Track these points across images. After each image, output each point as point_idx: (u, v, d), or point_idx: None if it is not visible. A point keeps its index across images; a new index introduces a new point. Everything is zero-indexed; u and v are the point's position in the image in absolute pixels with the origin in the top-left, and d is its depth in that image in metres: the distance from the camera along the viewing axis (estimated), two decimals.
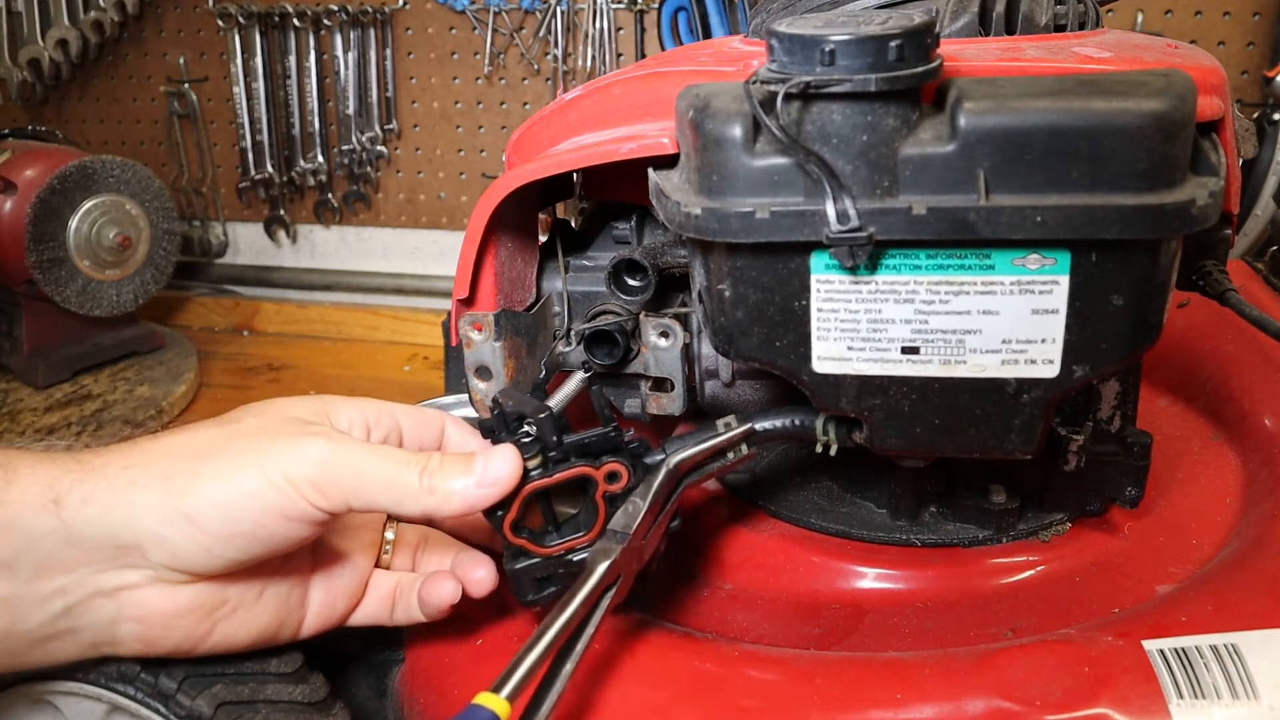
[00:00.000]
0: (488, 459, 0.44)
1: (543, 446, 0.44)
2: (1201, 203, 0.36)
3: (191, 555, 0.41)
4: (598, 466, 0.45)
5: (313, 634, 0.48)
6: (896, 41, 0.35)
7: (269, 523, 0.41)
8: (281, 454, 0.42)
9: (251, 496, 0.41)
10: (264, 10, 1.39)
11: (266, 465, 0.41)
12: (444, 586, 0.48)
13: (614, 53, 1.29)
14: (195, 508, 0.41)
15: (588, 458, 0.45)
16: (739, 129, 0.38)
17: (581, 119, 0.49)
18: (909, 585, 0.53)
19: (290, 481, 0.41)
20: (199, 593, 0.43)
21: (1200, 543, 0.54)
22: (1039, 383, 0.41)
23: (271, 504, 0.41)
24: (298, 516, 0.42)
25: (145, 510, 0.41)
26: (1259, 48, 1.13)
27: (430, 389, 1.12)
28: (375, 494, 0.42)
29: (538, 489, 0.44)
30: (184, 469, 0.41)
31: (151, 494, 0.41)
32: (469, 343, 0.53)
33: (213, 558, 0.42)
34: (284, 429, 0.43)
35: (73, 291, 1.17)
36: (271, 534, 0.42)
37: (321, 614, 0.48)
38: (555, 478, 0.44)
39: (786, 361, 0.42)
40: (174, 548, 0.41)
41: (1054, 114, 0.36)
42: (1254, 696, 0.40)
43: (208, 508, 0.41)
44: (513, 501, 0.44)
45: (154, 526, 0.41)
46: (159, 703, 0.47)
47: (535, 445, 0.44)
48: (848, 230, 0.37)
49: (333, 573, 0.49)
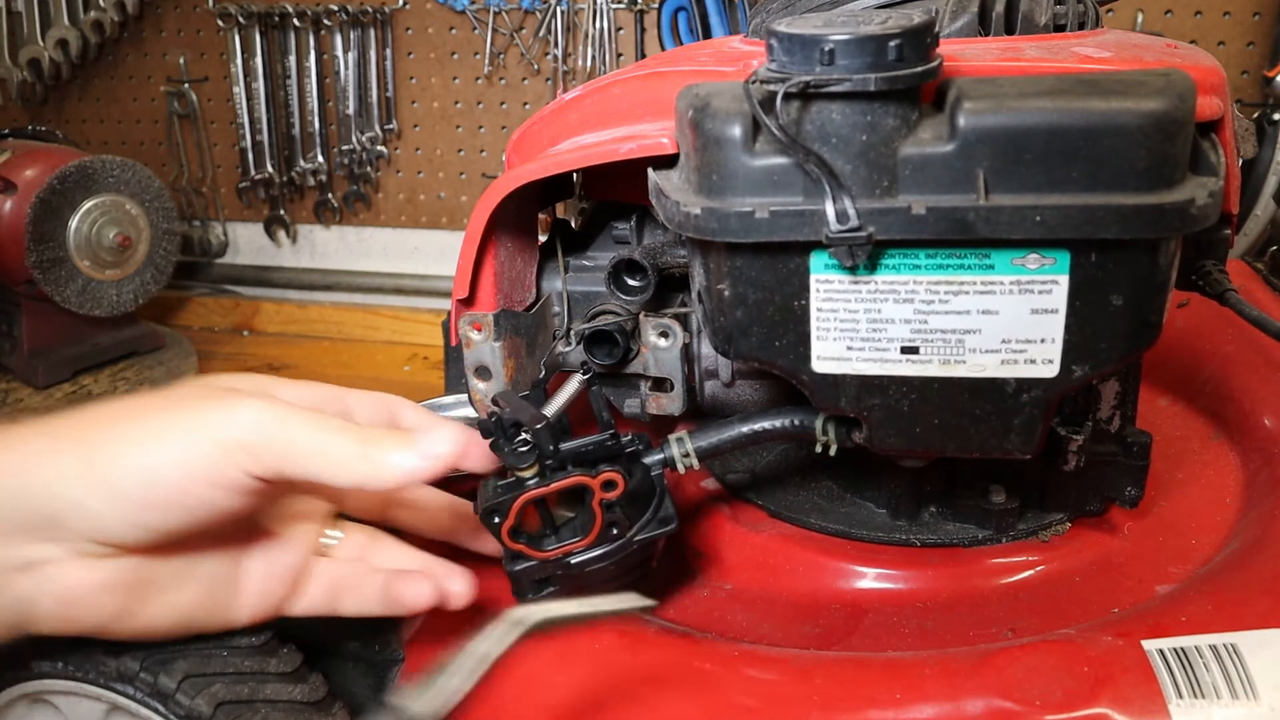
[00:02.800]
0: (430, 435, 0.41)
1: (539, 455, 0.44)
2: (1201, 202, 0.36)
3: (113, 525, 0.39)
4: (594, 475, 0.45)
5: (249, 622, 0.46)
6: (896, 41, 0.35)
7: (196, 490, 0.39)
8: (210, 417, 0.40)
9: (178, 462, 0.39)
10: (264, 10, 1.39)
11: (195, 428, 0.39)
12: (419, 586, 0.46)
13: (614, 53, 1.29)
14: (117, 474, 0.39)
15: (584, 466, 0.45)
16: (738, 129, 0.38)
17: (581, 119, 0.49)
18: (909, 585, 0.53)
19: (219, 444, 0.39)
20: (122, 568, 0.41)
21: (1200, 543, 0.54)
22: (1038, 382, 0.41)
23: (198, 470, 0.39)
24: (226, 484, 0.40)
25: (64, 479, 0.39)
26: (1259, 48, 1.13)
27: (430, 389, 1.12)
28: (309, 461, 0.40)
29: (534, 498, 0.44)
30: (107, 434, 0.39)
31: (71, 461, 0.39)
32: (469, 343, 0.53)
33: (136, 528, 0.40)
34: (217, 395, 0.41)
35: (73, 291, 1.17)
36: (199, 502, 0.40)
37: (257, 599, 0.46)
38: (551, 488, 0.44)
39: (786, 361, 0.42)
40: (95, 517, 0.39)
41: (1053, 113, 0.36)
42: (1254, 696, 0.40)
43: (131, 473, 0.39)
44: (510, 509, 0.44)
45: (74, 495, 0.39)
46: (158, 702, 0.47)
47: (532, 454, 0.44)
48: (847, 230, 0.37)
49: (269, 554, 0.46)
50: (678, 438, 0.49)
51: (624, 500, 0.45)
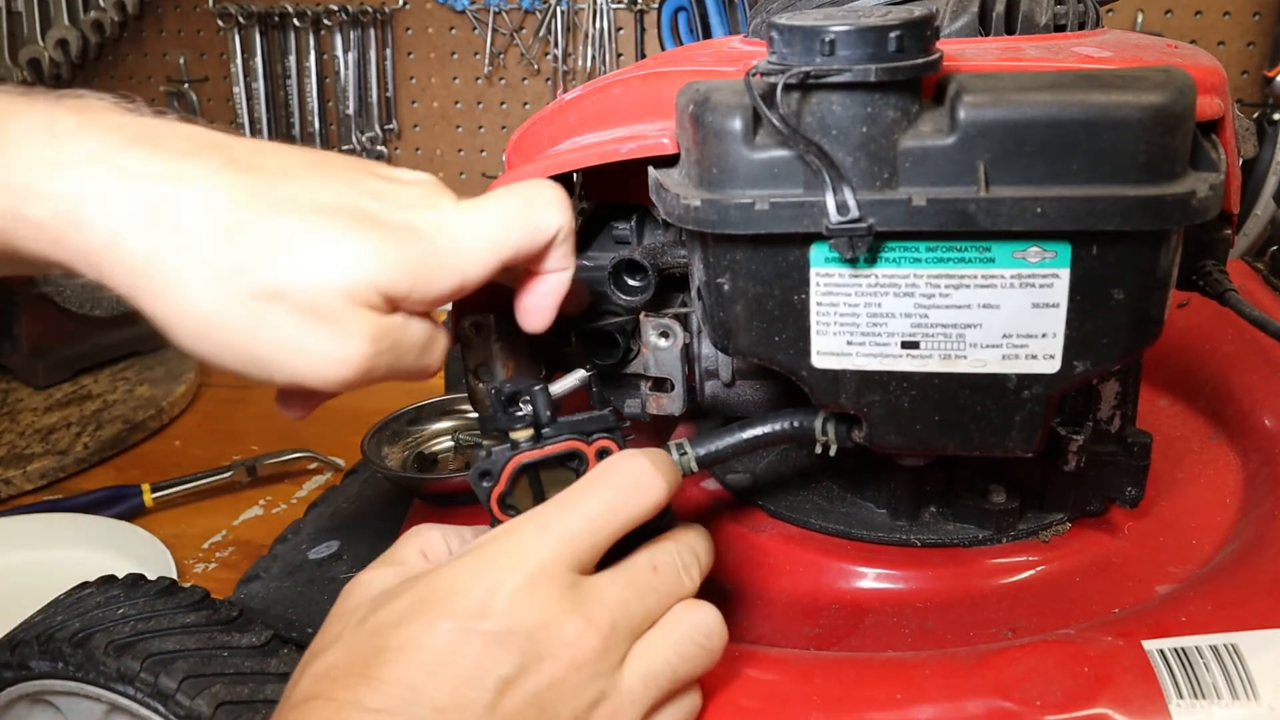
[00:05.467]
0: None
1: (535, 420, 0.44)
2: (1202, 195, 0.36)
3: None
4: (589, 443, 0.44)
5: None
6: (897, 32, 0.35)
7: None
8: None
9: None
10: (264, 10, 1.39)
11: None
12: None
13: (614, 53, 1.29)
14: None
15: (580, 435, 0.45)
16: (739, 121, 0.38)
17: (581, 119, 0.49)
18: (909, 585, 0.53)
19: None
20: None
21: (1200, 543, 0.54)
22: (1040, 378, 0.40)
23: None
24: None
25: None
26: (1259, 48, 1.13)
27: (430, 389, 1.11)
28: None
29: (527, 461, 0.44)
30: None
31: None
32: (468, 343, 0.52)
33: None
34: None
35: (73, 291, 1.17)
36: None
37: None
38: (545, 450, 0.44)
39: (785, 357, 0.42)
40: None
41: (1054, 106, 0.36)
42: (1254, 697, 0.39)
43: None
44: (500, 473, 0.44)
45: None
46: (158, 702, 0.47)
47: (527, 419, 0.44)
48: (847, 221, 0.37)
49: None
50: (678, 444, 0.49)
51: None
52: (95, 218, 0.36)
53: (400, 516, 0.67)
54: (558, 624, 0.36)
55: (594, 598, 0.38)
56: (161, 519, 0.92)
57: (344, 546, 0.66)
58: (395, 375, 0.41)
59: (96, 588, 0.55)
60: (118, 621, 0.51)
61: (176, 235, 0.36)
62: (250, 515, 0.93)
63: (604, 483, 0.40)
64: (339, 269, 0.37)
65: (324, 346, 0.38)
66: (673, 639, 0.39)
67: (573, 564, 0.38)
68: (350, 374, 0.38)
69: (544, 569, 0.37)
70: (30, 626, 0.53)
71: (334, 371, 0.38)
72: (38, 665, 0.51)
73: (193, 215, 0.37)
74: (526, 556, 0.37)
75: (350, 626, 0.38)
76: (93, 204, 0.36)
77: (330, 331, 0.37)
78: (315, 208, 0.39)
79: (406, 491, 0.69)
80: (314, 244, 0.38)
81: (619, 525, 0.39)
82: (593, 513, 0.39)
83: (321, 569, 0.63)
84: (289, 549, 0.67)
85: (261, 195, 0.38)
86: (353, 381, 0.39)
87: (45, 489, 0.99)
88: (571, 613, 0.37)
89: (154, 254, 0.36)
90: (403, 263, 0.39)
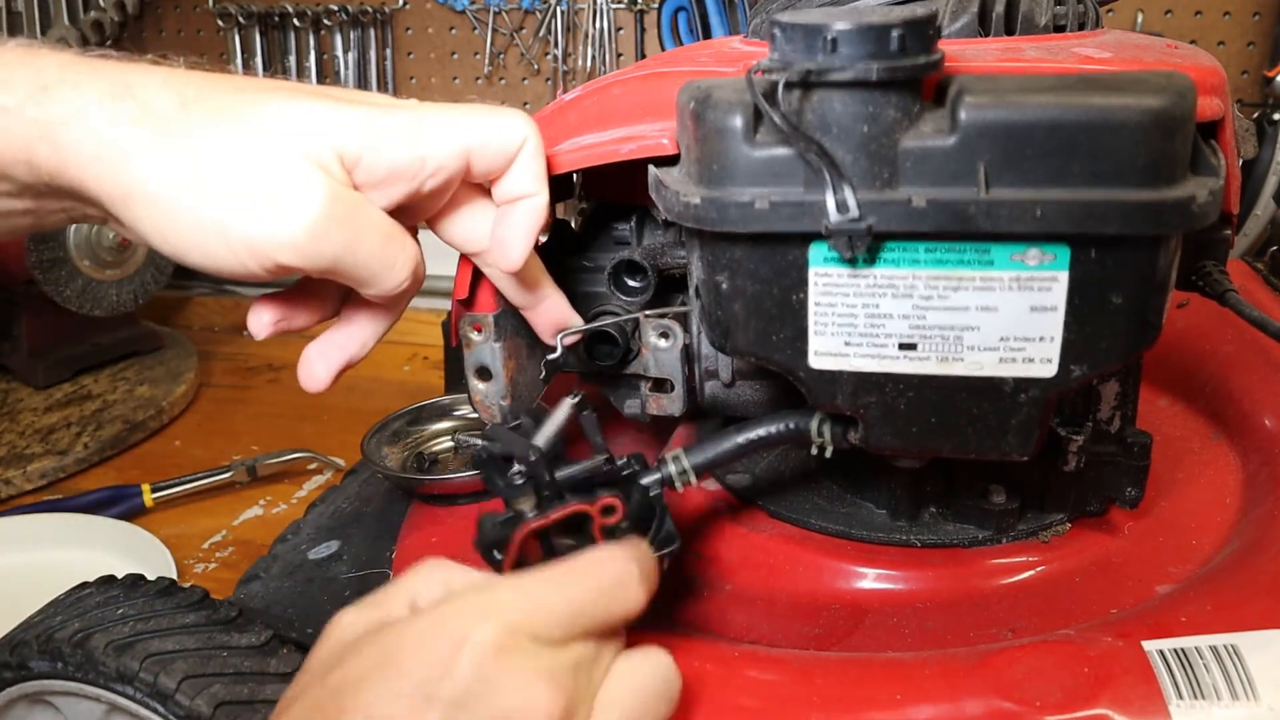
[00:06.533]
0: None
1: (535, 486, 0.44)
2: (1202, 200, 0.36)
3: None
4: (592, 502, 0.44)
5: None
6: (899, 31, 0.35)
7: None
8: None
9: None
10: (264, 10, 1.39)
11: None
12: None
13: (614, 53, 1.29)
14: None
15: (581, 493, 0.44)
16: (740, 119, 0.38)
17: (581, 119, 0.49)
18: (909, 586, 0.53)
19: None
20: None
21: (1200, 543, 0.54)
22: (1036, 382, 0.40)
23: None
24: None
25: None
26: (1259, 48, 1.13)
27: (430, 389, 1.12)
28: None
29: (534, 530, 0.44)
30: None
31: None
32: (469, 343, 0.52)
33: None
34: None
35: (73, 291, 1.17)
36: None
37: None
38: (550, 518, 0.43)
39: (783, 356, 0.42)
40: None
41: (1055, 109, 0.36)
42: (1254, 697, 0.40)
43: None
44: (510, 543, 0.43)
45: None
46: (158, 702, 0.47)
47: (528, 486, 0.43)
48: (847, 221, 0.37)
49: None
50: (674, 455, 0.48)
51: (624, 524, 0.45)
52: (60, 100, 0.37)
53: (400, 516, 0.67)
54: (519, 690, 0.34)
55: (560, 663, 0.36)
56: (161, 519, 0.93)
57: (344, 546, 0.66)
58: (356, 265, 0.40)
59: (96, 588, 0.55)
60: (117, 621, 0.51)
61: (137, 106, 0.38)
62: (250, 515, 0.93)
63: (589, 572, 0.39)
64: (292, 127, 0.38)
65: (277, 202, 0.38)
66: (633, 689, 0.38)
67: (540, 635, 0.36)
68: (302, 236, 0.38)
69: (510, 631, 0.35)
70: (30, 626, 0.53)
71: (287, 232, 0.38)
72: (37, 665, 0.51)
73: (151, 90, 0.38)
74: (495, 616, 0.35)
75: (316, 680, 0.36)
76: (58, 90, 0.38)
77: (285, 186, 0.38)
78: (272, 86, 0.40)
79: (406, 491, 0.69)
80: (270, 106, 0.39)
81: (595, 620, 0.38)
82: (571, 595, 0.38)
83: (321, 569, 0.63)
84: (289, 549, 0.67)
85: (222, 81, 0.40)
86: (305, 248, 0.38)
87: (45, 489, 1.00)
88: (535, 680, 0.35)
89: (112, 126, 0.37)
90: (359, 125, 0.40)
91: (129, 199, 0.38)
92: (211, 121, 0.38)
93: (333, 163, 0.39)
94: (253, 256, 0.38)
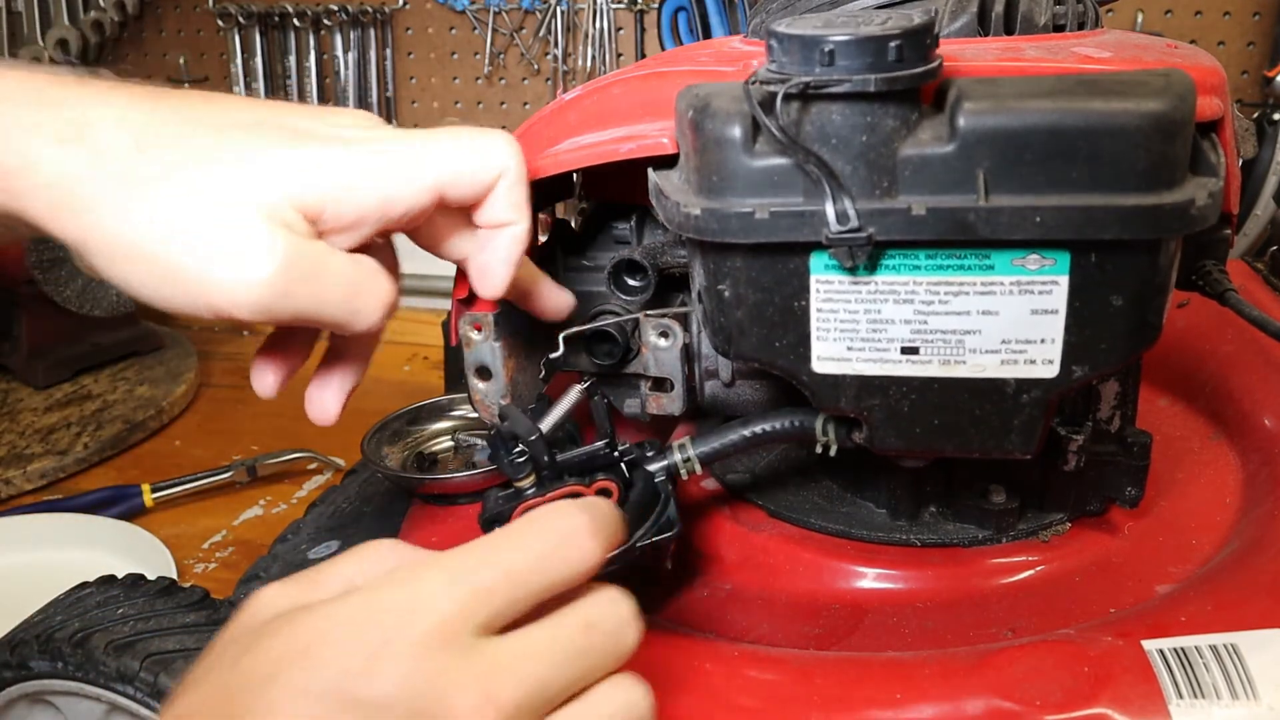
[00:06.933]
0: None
1: (535, 466, 0.46)
2: (1201, 203, 0.36)
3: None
4: (589, 484, 0.46)
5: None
6: (896, 42, 0.35)
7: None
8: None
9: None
10: (264, 10, 1.39)
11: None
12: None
13: (614, 53, 1.29)
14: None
15: (580, 475, 0.47)
16: (738, 129, 0.38)
17: (581, 119, 0.49)
18: (909, 585, 0.53)
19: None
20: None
21: (1200, 543, 0.54)
22: (1038, 383, 0.41)
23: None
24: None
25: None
26: (1259, 48, 1.13)
27: (430, 389, 1.11)
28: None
29: (532, 508, 0.45)
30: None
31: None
32: (468, 343, 0.52)
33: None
34: None
35: (73, 291, 1.17)
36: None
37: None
38: (547, 497, 0.46)
39: (786, 362, 0.42)
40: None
41: (1053, 114, 0.36)
42: (1254, 696, 0.40)
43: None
44: (509, 518, 0.45)
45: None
46: (158, 702, 0.47)
47: (528, 465, 0.46)
48: (847, 231, 0.37)
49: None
50: (680, 444, 0.49)
51: (626, 507, 0.46)
52: (12, 139, 0.36)
53: (400, 516, 0.67)
54: (450, 697, 0.30)
55: (501, 666, 0.31)
56: (161, 519, 0.93)
57: (344, 546, 0.66)
58: (322, 316, 0.38)
59: (96, 588, 0.55)
60: (117, 621, 0.51)
61: (89, 151, 0.36)
62: (250, 515, 0.93)
63: (531, 535, 0.34)
64: (251, 181, 0.36)
65: (233, 264, 0.36)
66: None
67: (480, 624, 0.32)
68: (261, 296, 0.36)
69: (444, 627, 0.31)
70: (30, 626, 0.53)
71: (244, 294, 0.36)
72: (37, 665, 0.51)
73: (105, 131, 0.36)
74: (426, 610, 0.31)
75: (226, 662, 0.32)
76: (9, 128, 0.36)
77: (241, 248, 0.36)
78: (232, 124, 0.38)
79: (406, 491, 0.69)
80: (226, 156, 0.37)
81: (541, 586, 0.33)
82: (512, 567, 0.33)
83: None
84: (289, 549, 0.67)
85: (179, 113, 0.38)
86: (266, 307, 0.37)
87: (45, 489, 1.00)
88: (469, 685, 0.31)
89: (65, 172, 0.36)
90: (321, 171, 0.37)
91: (85, 247, 0.37)
92: (165, 174, 0.36)
93: (293, 217, 0.37)
94: (212, 312, 0.37)
